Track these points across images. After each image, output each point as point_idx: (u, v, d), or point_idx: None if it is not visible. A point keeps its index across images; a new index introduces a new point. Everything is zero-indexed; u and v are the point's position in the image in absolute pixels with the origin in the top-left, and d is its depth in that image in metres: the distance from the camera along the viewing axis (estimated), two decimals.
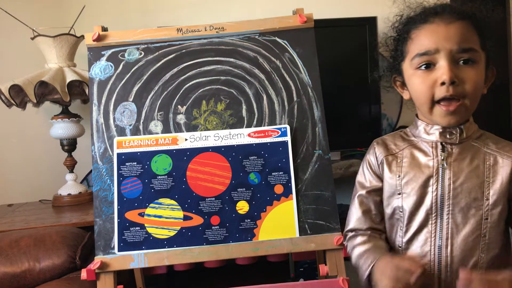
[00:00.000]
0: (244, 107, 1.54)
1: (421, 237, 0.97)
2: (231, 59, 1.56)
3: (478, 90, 0.93)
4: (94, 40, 1.55)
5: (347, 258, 1.25)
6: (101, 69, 1.55)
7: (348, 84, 2.35)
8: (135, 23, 2.45)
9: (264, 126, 1.52)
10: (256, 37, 1.58)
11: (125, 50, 1.56)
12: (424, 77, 0.94)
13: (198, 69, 1.55)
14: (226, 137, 1.49)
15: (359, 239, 1.09)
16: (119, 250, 1.42)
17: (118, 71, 1.55)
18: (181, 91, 1.54)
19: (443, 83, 0.90)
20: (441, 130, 0.97)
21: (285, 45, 1.57)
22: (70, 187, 2.21)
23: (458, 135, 0.96)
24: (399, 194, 1.01)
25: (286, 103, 1.54)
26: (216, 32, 1.57)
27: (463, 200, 0.93)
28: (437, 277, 0.95)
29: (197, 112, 1.54)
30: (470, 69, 0.92)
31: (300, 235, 1.42)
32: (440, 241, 0.94)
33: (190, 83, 1.55)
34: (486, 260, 0.92)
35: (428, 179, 0.97)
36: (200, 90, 1.55)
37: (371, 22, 2.34)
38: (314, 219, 1.44)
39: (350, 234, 1.13)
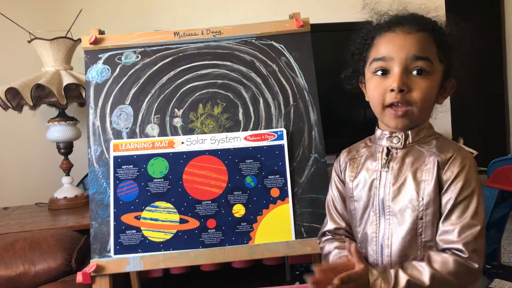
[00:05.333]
0: (240, 110, 1.54)
1: (369, 237, 1.04)
2: (228, 63, 1.56)
3: (426, 100, 0.97)
4: (91, 43, 1.56)
5: None
6: (97, 72, 1.55)
7: (344, 88, 2.35)
8: (132, 27, 2.45)
9: (260, 129, 1.52)
10: (253, 41, 1.58)
11: (122, 53, 1.57)
12: (378, 83, 0.99)
13: (195, 73, 1.56)
14: (223, 140, 1.50)
15: (327, 240, 1.16)
16: (115, 253, 1.41)
17: (115, 74, 1.55)
18: (178, 94, 1.55)
19: (392, 90, 0.95)
20: (388, 135, 1.02)
21: (282, 49, 1.57)
22: (66, 190, 2.21)
23: (403, 140, 1.00)
24: (351, 197, 1.08)
25: (282, 107, 1.54)
26: (213, 35, 1.57)
27: (401, 202, 0.98)
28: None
29: (193, 116, 1.54)
30: (421, 80, 0.96)
31: (296, 238, 1.43)
32: (382, 241, 1.01)
33: (187, 87, 1.55)
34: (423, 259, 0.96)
35: (372, 182, 1.03)
36: (197, 94, 1.55)
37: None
38: (310, 222, 1.45)
39: (323, 237, 1.18)
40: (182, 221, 1.44)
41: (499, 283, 1.53)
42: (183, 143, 1.50)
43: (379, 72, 0.98)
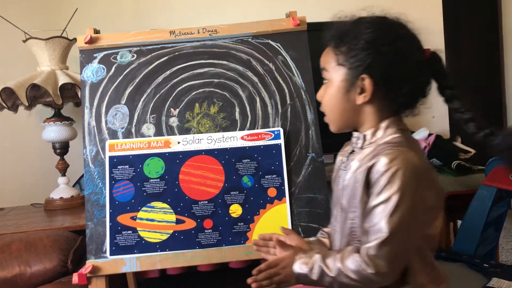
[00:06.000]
0: (237, 110, 1.53)
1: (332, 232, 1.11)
2: (224, 62, 1.55)
3: (329, 105, 1.03)
4: (86, 43, 1.55)
5: None
6: (93, 72, 1.54)
7: None
8: (128, 26, 2.44)
9: (257, 129, 1.51)
10: (249, 39, 1.57)
11: (117, 52, 1.56)
12: None
13: (191, 72, 1.55)
14: (219, 140, 1.49)
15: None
16: (111, 254, 1.41)
17: (110, 74, 1.54)
18: (174, 93, 1.54)
19: None
20: (352, 137, 1.06)
21: (278, 48, 1.57)
22: (62, 190, 2.20)
23: (361, 141, 1.02)
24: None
25: (279, 106, 1.54)
26: (209, 34, 1.57)
27: (345, 200, 1.01)
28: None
29: (190, 115, 1.53)
30: (322, 88, 1.05)
31: None
32: (335, 236, 1.08)
33: (183, 86, 1.55)
34: None
35: (335, 180, 1.09)
36: (193, 93, 1.54)
37: None
38: (307, 222, 1.44)
39: None
40: (178, 221, 1.43)
41: (497, 282, 1.53)
42: (179, 143, 1.49)
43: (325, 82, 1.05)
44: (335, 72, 1.00)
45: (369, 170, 0.93)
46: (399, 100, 0.98)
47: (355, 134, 1.03)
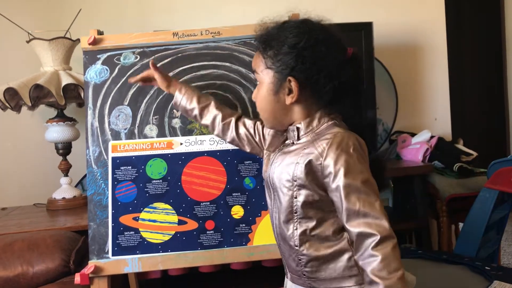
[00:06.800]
0: (239, 111, 1.53)
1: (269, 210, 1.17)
2: (227, 64, 1.56)
3: (262, 105, 1.12)
4: (89, 44, 1.55)
5: None
6: (96, 73, 1.55)
7: None
8: (130, 27, 2.44)
9: None
10: (252, 41, 1.57)
11: (120, 54, 1.56)
12: None
13: (194, 74, 1.55)
14: (222, 141, 1.49)
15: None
16: (113, 255, 1.41)
17: (113, 75, 1.55)
18: None
19: None
20: (288, 131, 1.13)
21: None
22: (64, 191, 2.20)
23: (296, 133, 1.09)
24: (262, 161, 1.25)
25: None
26: (212, 36, 1.57)
27: (280, 181, 1.08)
28: (278, 245, 1.16)
29: None
30: (255, 90, 1.13)
31: None
32: (271, 213, 1.14)
33: None
34: (299, 232, 1.06)
35: (268, 161, 1.16)
36: None
37: (367, 27, 2.35)
38: None
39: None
40: (180, 222, 1.44)
41: (499, 285, 1.53)
42: (181, 144, 1.50)
43: None
44: (264, 75, 1.09)
45: (312, 156, 1.02)
46: (324, 98, 1.06)
47: (290, 127, 1.11)
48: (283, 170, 1.07)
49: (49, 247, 1.60)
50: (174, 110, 1.53)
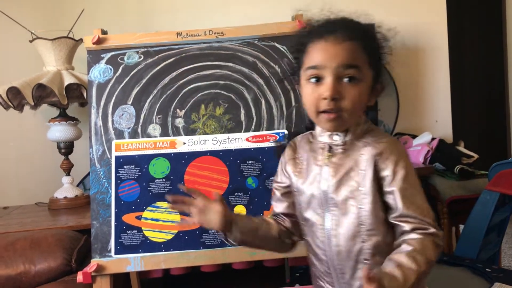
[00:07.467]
0: (242, 111, 1.54)
1: (314, 228, 1.08)
2: (230, 64, 1.56)
3: (356, 105, 1.02)
4: (94, 43, 1.56)
5: None
6: (100, 72, 1.55)
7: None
8: (133, 26, 2.45)
9: (262, 130, 1.52)
10: (256, 42, 1.58)
11: (124, 53, 1.57)
12: (312, 90, 1.02)
13: (197, 73, 1.56)
14: (224, 141, 1.50)
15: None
16: (115, 253, 1.41)
17: (117, 74, 1.55)
18: (180, 95, 1.55)
19: (325, 98, 1.00)
20: (329, 133, 1.07)
21: (284, 51, 1.57)
22: (66, 190, 2.21)
23: (343, 137, 1.05)
24: (295, 191, 1.13)
25: (284, 108, 1.54)
26: (216, 36, 1.58)
27: (343, 192, 1.02)
28: (331, 265, 1.07)
29: (195, 116, 1.54)
30: (352, 87, 1.00)
31: None
32: (328, 231, 1.05)
33: (189, 87, 1.55)
34: (368, 247, 1.01)
35: (315, 177, 1.08)
36: (199, 94, 1.55)
37: None
38: None
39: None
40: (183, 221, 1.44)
41: (500, 287, 1.53)
42: (184, 144, 1.50)
43: (313, 80, 1.02)
44: (368, 72, 1.01)
45: (375, 157, 0.99)
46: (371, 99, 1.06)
47: (335, 136, 1.06)
48: (344, 181, 1.02)
49: (51, 246, 1.60)
50: (178, 110, 1.53)
